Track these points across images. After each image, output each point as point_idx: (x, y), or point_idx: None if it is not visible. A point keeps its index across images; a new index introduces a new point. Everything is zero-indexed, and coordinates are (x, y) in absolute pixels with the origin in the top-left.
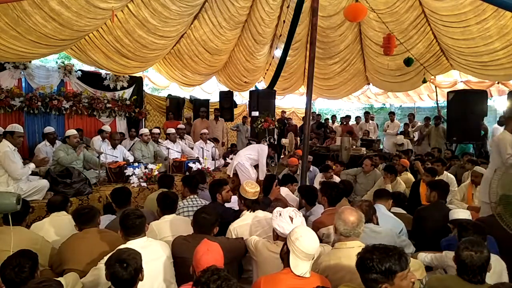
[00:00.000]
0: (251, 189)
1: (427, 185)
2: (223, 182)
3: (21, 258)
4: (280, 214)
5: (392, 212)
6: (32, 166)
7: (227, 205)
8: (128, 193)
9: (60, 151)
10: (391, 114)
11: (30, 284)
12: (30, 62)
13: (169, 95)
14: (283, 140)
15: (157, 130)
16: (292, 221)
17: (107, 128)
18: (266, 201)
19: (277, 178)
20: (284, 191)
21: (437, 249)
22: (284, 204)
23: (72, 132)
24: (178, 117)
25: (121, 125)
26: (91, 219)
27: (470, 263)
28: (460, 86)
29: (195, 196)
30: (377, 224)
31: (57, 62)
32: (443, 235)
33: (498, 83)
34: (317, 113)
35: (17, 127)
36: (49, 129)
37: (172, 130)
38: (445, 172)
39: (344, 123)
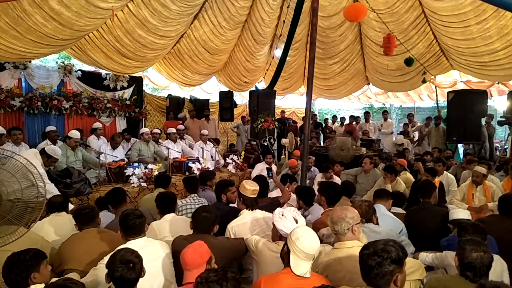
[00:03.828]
0: (250, 187)
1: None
2: (229, 183)
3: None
4: (282, 215)
5: (392, 212)
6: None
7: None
8: (123, 193)
9: None
10: (385, 113)
11: (56, 282)
12: (30, 62)
13: (169, 95)
14: (283, 140)
15: (157, 130)
16: (297, 222)
17: (98, 125)
18: (275, 203)
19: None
20: None
21: (432, 248)
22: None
23: (74, 134)
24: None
25: (121, 125)
26: (91, 219)
27: (480, 264)
28: (460, 86)
29: (195, 195)
30: (377, 224)
31: (57, 62)
32: (441, 234)
33: (498, 83)
34: (314, 113)
35: (57, 154)
36: (50, 128)
37: (173, 130)
38: (445, 172)
39: (352, 122)
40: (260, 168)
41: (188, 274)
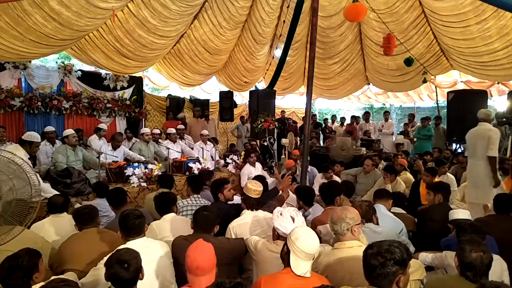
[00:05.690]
0: (254, 187)
1: (430, 188)
2: (224, 181)
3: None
4: (281, 214)
5: (392, 212)
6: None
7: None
8: (123, 193)
9: (59, 154)
10: (386, 113)
11: (49, 283)
12: (30, 62)
13: (169, 95)
14: (283, 140)
15: (157, 131)
16: (294, 221)
17: (104, 126)
18: (272, 192)
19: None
20: None
21: (440, 249)
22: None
23: (70, 131)
24: None
25: (121, 125)
26: (91, 219)
27: (480, 264)
28: (460, 86)
29: (198, 195)
30: (377, 224)
31: (57, 62)
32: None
33: (498, 83)
34: (314, 113)
35: (35, 137)
36: (48, 128)
37: (172, 130)
38: None
39: (353, 122)
40: (247, 173)
41: (197, 280)
